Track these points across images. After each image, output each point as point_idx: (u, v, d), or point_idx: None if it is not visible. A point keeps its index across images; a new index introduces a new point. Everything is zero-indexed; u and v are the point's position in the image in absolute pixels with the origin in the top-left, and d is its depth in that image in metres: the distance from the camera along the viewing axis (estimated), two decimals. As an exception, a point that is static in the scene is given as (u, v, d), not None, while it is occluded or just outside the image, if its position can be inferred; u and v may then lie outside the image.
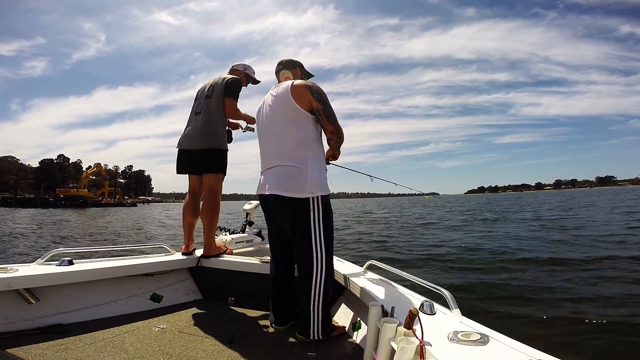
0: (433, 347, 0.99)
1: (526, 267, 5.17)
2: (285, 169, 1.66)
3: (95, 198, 63.03)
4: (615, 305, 3.37)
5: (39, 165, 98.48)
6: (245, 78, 2.59)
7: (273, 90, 1.80)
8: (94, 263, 1.99)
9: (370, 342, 1.23)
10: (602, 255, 5.68)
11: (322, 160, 1.75)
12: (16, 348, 1.45)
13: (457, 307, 1.31)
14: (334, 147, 1.81)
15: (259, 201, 3.07)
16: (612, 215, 13.60)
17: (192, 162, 2.37)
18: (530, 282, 4.36)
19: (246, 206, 3.01)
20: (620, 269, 4.83)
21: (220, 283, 2.30)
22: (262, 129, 1.84)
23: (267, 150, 1.79)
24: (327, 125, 1.70)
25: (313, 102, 1.65)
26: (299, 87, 1.67)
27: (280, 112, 1.71)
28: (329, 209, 1.68)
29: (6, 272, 1.65)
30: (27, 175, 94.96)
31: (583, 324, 2.98)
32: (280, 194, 1.63)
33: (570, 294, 3.80)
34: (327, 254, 1.64)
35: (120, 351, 1.50)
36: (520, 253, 6.25)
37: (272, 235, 1.85)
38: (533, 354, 0.96)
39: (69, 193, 57.11)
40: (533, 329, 2.92)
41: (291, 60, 1.92)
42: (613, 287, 4.00)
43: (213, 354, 1.53)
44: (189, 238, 2.42)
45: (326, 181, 1.73)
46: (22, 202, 52.74)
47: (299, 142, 1.67)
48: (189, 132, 2.37)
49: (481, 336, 1.06)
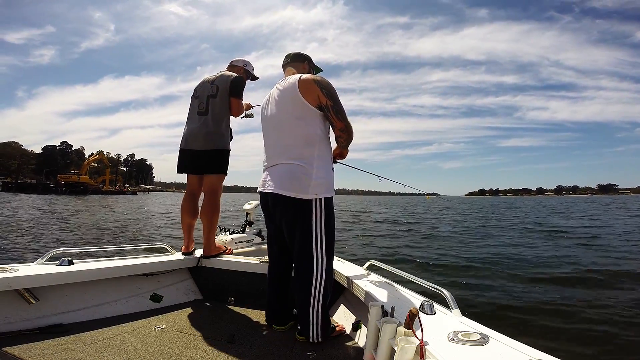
0: (433, 347, 0.99)
1: (526, 266, 5.19)
2: (290, 168, 1.60)
3: (96, 185, 63.29)
4: (616, 305, 3.38)
5: (42, 151, 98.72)
6: (245, 74, 2.56)
7: (279, 84, 1.72)
8: (94, 263, 1.99)
9: (370, 342, 1.23)
10: (603, 255, 5.73)
11: (328, 159, 1.68)
12: (16, 348, 1.45)
13: (457, 307, 1.31)
14: (343, 145, 1.74)
15: (258, 202, 3.07)
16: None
17: (194, 162, 2.34)
18: (531, 281, 4.37)
19: (246, 206, 3.00)
20: (621, 269, 4.85)
21: (220, 283, 2.30)
22: (267, 124, 1.76)
23: (272, 146, 1.72)
24: (336, 122, 1.63)
25: (322, 97, 1.58)
26: (307, 82, 1.59)
27: (287, 107, 1.64)
28: (331, 211, 1.63)
29: (6, 272, 1.65)
30: (29, 161, 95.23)
31: (583, 324, 2.99)
32: (282, 193, 1.58)
33: (570, 293, 3.82)
34: (328, 257, 1.60)
35: (120, 351, 1.50)
36: (521, 254, 6.28)
37: (271, 236, 1.81)
38: (533, 354, 0.96)
39: (70, 179, 57.23)
40: (533, 329, 2.93)
41: (299, 53, 1.84)
42: (614, 286, 4.02)
43: (213, 354, 1.53)
44: (189, 238, 2.41)
45: (332, 182, 1.66)
46: (23, 187, 52.98)
47: (305, 140, 1.60)
48: (192, 132, 2.32)
49: (481, 336, 1.06)
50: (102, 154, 68.86)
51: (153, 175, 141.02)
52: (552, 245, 7.58)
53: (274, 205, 1.66)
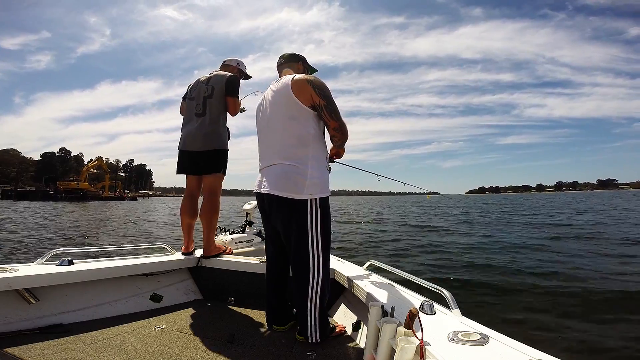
0: (433, 347, 0.99)
1: (526, 267, 5.18)
2: (284, 168, 1.60)
3: (96, 191, 63.25)
4: (616, 305, 3.37)
5: (41, 158, 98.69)
6: (239, 73, 2.56)
7: (273, 85, 1.73)
8: (94, 263, 1.99)
9: (370, 342, 1.22)
10: (605, 253, 5.70)
11: (323, 159, 1.67)
12: (16, 348, 1.45)
13: (457, 307, 1.31)
14: (338, 144, 1.74)
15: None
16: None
17: (193, 162, 2.35)
18: (531, 282, 4.36)
19: (246, 206, 3.01)
20: (622, 267, 4.84)
21: (220, 283, 2.30)
22: (262, 126, 1.77)
23: (266, 147, 1.73)
24: (329, 122, 1.62)
25: (315, 97, 1.58)
26: (299, 82, 1.60)
27: (280, 108, 1.64)
28: (327, 211, 1.63)
29: (6, 272, 1.65)
30: (28, 168, 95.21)
31: (583, 323, 2.98)
32: (277, 193, 1.58)
33: (571, 293, 3.81)
34: (324, 257, 1.60)
35: (120, 351, 1.50)
36: (522, 253, 6.26)
37: (268, 236, 1.81)
38: (533, 354, 0.96)
39: (69, 186, 57.27)
40: (533, 329, 2.92)
41: (293, 54, 1.84)
42: (615, 286, 4.00)
43: (213, 354, 1.53)
44: (189, 238, 2.42)
45: (327, 182, 1.65)
46: (23, 194, 52.92)
47: (299, 140, 1.60)
48: (191, 133, 2.34)
49: (481, 336, 1.06)
50: (100, 160, 68.75)
51: (153, 180, 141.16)
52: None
53: (269, 205, 1.66)
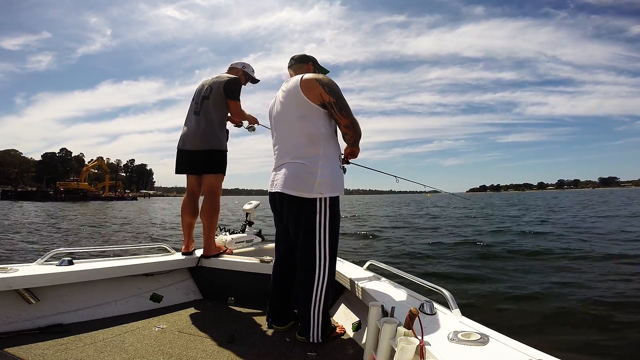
0: (433, 347, 0.99)
1: (526, 267, 5.18)
2: (294, 167, 1.60)
3: (96, 191, 63.28)
4: (616, 305, 3.36)
5: (42, 158, 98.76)
6: (244, 76, 2.56)
7: (284, 85, 1.75)
8: (94, 263, 1.99)
9: (370, 342, 1.22)
10: (606, 252, 5.69)
11: (335, 158, 1.66)
12: (16, 348, 1.45)
13: (457, 307, 1.31)
14: (351, 142, 1.72)
15: (258, 201, 3.08)
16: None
17: (191, 162, 2.36)
18: (531, 282, 4.36)
19: (246, 206, 3.00)
20: (624, 268, 4.83)
21: (220, 283, 2.30)
22: (274, 125, 1.78)
23: (279, 147, 1.73)
24: (340, 119, 1.62)
25: (324, 95, 1.58)
26: (308, 81, 1.61)
27: (291, 107, 1.65)
28: (336, 211, 1.62)
29: (6, 272, 1.65)
30: (29, 169, 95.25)
31: (583, 323, 2.98)
32: (287, 192, 1.59)
33: (571, 294, 3.80)
34: (331, 257, 1.59)
35: (120, 351, 1.50)
36: (523, 253, 6.26)
37: (279, 235, 1.81)
38: (533, 354, 0.96)
39: (69, 186, 57.23)
40: (533, 329, 2.92)
41: (304, 55, 1.86)
42: (617, 286, 4.00)
43: (213, 354, 1.53)
44: (189, 238, 2.42)
45: (339, 181, 1.64)
46: (23, 195, 52.97)
47: (310, 139, 1.60)
48: (188, 133, 2.36)
49: (481, 336, 1.06)
50: (100, 160, 68.84)
51: (153, 180, 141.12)
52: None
53: (280, 204, 1.68)
